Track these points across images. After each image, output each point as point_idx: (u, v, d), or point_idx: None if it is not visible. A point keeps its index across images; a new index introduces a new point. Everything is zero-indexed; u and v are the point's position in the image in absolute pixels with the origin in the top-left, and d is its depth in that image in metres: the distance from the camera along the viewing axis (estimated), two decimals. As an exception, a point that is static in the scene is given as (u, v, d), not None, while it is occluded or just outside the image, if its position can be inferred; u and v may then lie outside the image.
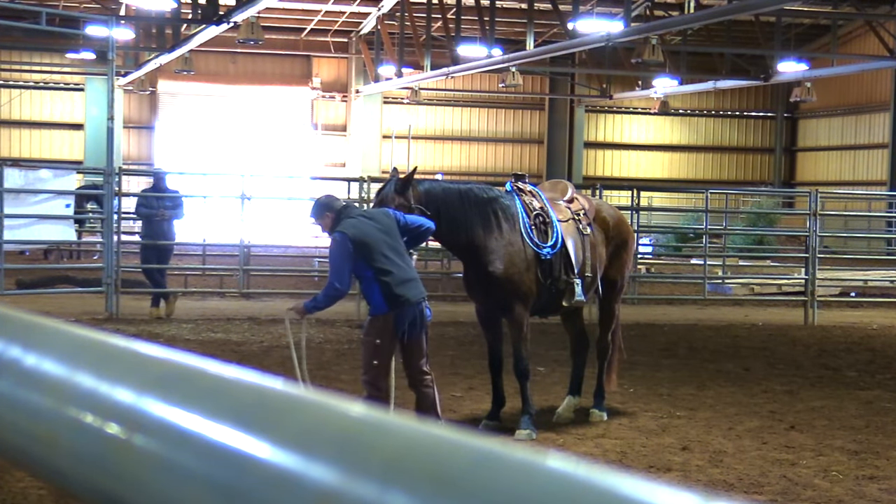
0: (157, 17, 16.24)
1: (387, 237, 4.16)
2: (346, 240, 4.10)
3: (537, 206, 4.90)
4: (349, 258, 4.11)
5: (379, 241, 4.13)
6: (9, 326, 0.80)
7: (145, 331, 7.80)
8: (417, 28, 18.10)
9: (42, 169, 9.89)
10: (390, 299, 4.11)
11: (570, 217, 5.01)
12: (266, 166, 20.83)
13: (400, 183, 4.55)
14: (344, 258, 4.11)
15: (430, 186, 4.69)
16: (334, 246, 4.14)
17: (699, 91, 22.15)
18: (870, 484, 4.16)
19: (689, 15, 13.30)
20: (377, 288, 4.11)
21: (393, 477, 0.47)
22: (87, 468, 0.64)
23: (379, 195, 4.63)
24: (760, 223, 17.03)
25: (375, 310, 4.17)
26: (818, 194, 10.24)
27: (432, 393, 4.28)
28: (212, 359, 0.64)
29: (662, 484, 0.44)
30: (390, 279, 4.11)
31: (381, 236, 4.15)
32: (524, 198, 4.90)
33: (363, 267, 4.13)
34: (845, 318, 10.10)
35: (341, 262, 4.12)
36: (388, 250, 4.14)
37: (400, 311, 4.12)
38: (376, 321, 4.18)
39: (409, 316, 4.15)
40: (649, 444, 4.74)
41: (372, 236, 4.13)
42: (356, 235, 4.11)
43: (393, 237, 4.18)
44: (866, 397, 6.00)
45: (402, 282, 4.13)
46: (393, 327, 4.14)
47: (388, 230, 4.19)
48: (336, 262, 4.14)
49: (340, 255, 4.11)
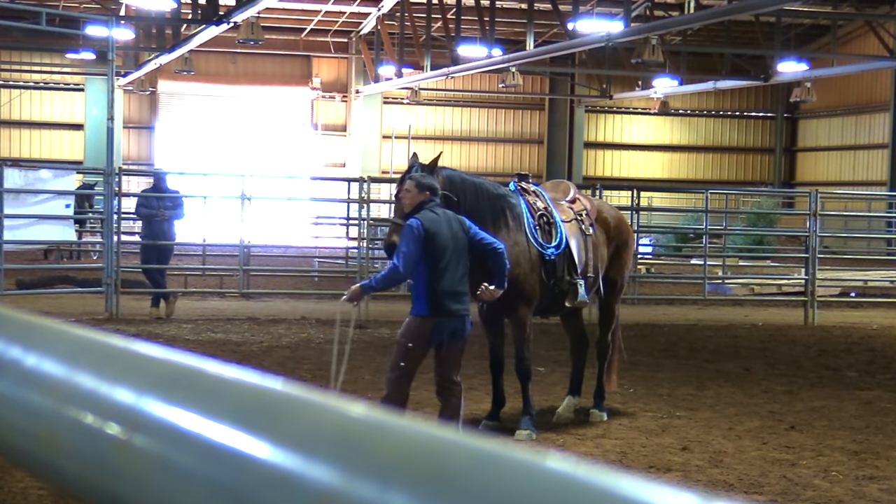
0: (157, 17, 16.24)
1: (454, 244, 4.11)
2: (422, 229, 4.06)
3: (541, 206, 4.88)
4: (419, 247, 4.05)
5: (446, 245, 4.09)
6: (9, 327, 0.80)
7: (145, 331, 7.80)
8: (417, 28, 18.10)
9: (42, 169, 9.89)
10: (434, 306, 4.07)
11: (573, 217, 5.00)
12: (266, 166, 20.84)
13: (427, 168, 4.48)
14: (415, 245, 4.04)
15: (450, 174, 4.64)
16: (409, 231, 4.08)
17: (699, 91, 22.16)
18: (870, 484, 4.16)
19: (689, 15, 13.31)
20: (425, 290, 4.08)
21: (393, 477, 0.47)
22: (87, 468, 0.64)
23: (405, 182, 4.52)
24: (760, 223, 17.03)
25: (417, 310, 4.13)
26: (818, 194, 10.24)
27: (458, 405, 4.23)
28: (212, 359, 0.64)
29: (662, 484, 0.44)
30: (440, 286, 4.06)
31: (449, 241, 4.10)
32: (528, 198, 4.89)
33: (422, 264, 4.08)
34: (845, 318, 10.09)
35: (410, 249, 4.05)
36: (450, 257, 4.10)
37: (440, 320, 4.08)
38: (414, 323, 4.14)
39: (450, 327, 4.11)
40: (649, 445, 4.74)
41: (442, 237, 4.09)
42: (430, 229, 4.06)
43: (459, 246, 4.13)
44: (866, 397, 6.00)
45: (450, 293, 4.08)
46: (429, 334, 4.10)
47: (458, 238, 4.13)
48: (405, 246, 4.06)
49: (413, 241, 4.04)
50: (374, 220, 10.12)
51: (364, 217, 9.69)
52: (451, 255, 4.09)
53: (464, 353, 4.28)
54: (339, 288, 10.93)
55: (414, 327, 4.12)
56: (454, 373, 4.20)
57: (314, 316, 9.03)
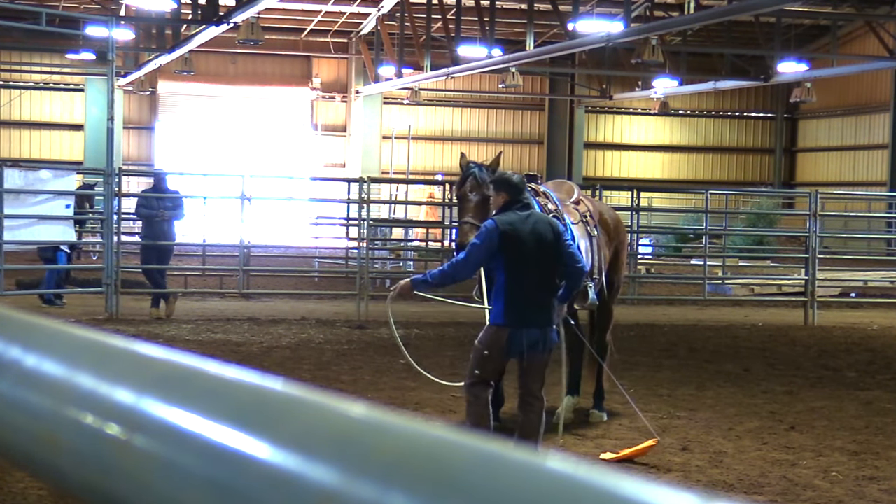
0: (157, 17, 16.24)
1: (538, 248, 3.83)
2: (496, 232, 3.80)
3: (552, 207, 4.75)
4: (488, 251, 3.79)
5: (526, 249, 3.81)
6: (9, 327, 0.80)
7: (145, 331, 7.80)
8: (417, 28, 18.10)
9: (42, 169, 9.89)
10: (511, 315, 3.81)
11: (579, 219, 4.93)
12: (266, 167, 20.84)
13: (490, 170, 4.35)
14: (483, 248, 3.79)
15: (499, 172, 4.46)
16: (482, 231, 3.86)
17: (699, 91, 22.16)
18: (870, 484, 4.16)
19: (689, 15, 13.32)
20: (504, 298, 3.82)
21: (393, 477, 0.47)
22: (87, 468, 0.64)
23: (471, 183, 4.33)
24: (760, 224, 17.04)
25: (494, 318, 3.89)
26: (818, 195, 10.25)
27: (538, 420, 3.98)
28: (212, 359, 0.64)
29: (662, 484, 0.44)
30: (518, 293, 3.80)
31: (531, 245, 3.82)
32: (539, 199, 4.73)
33: (500, 268, 3.84)
34: (845, 318, 10.09)
35: (477, 252, 3.81)
36: (533, 263, 3.82)
37: (517, 329, 3.82)
38: (490, 330, 3.90)
39: (530, 338, 3.83)
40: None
41: (522, 241, 3.81)
42: (508, 232, 3.80)
43: (544, 251, 3.85)
44: (866, 398, 5.99)
45: (529, 301, 3.82)
46: (506, 344, 3.84)
47: (543, 242, 3.86)
48: (474, 248, 3.82)
49: (482, 243, 3.80)
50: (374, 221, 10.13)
51: (364, 217, 9.69)
52: (532, 259, 3.81)
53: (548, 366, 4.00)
54: (338, 288, 10.95)
55: (489, 335, 3.88)
56: (536, 387, 3.94)
57: (314, 316, 9.03)
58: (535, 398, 3.97)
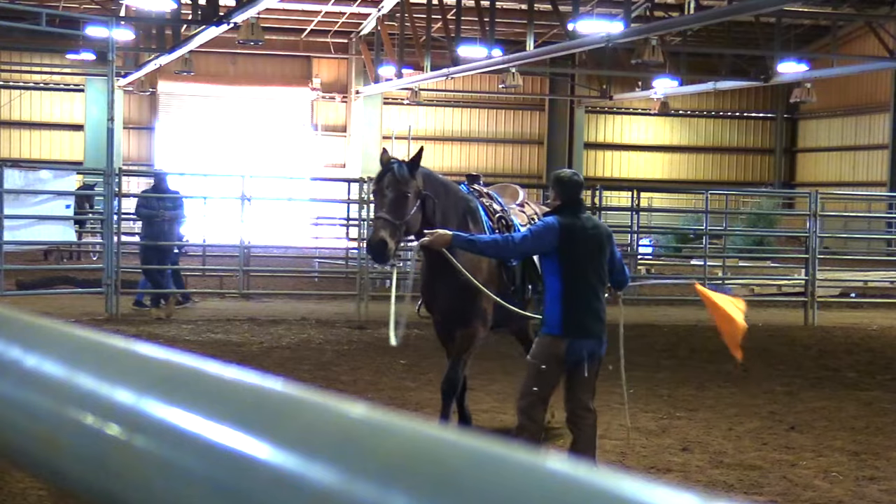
0: (157, 17, 16.24)
1: (595, 255, 3.66)
2: (556, 230, 3.60)
3: (497, 209, 4.48)
4: (540, 243, 3.61)
5: (586, 255, 3.64)
6: (9, 327, 0.80)
7: (145, 331, 7.79)
8: (417, 29, 18.11)
9: (42, 170, 9.90)
10: (569, 324, 3.61)
11: (526, 222, 4.50)
12: (266, 167, 20.84)
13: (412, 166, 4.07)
14: (537, 239, 3.61)
15: (426, 171, 4.21)
16: (542, 224, 3.67)
17: (699, 92, 22.16)
18: (870, 485, 4.16)
19: (689, 16, 13.32)
20: (560, 306, 3.62)
21: (393, 478, 0.47)
22: (88, 469, 0.64)
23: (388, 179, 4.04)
24: (760, 224, 17.03)
25: (548, 328, 3.67)
26: (818, 195, 10.25)
27: (593, 433, 3.79)
28: (212, 360, 0.64)
29: (662, 484, 0.44)
30: (579, 303, 3.61)
31: (591, 251, 3.65)
32: (482, 200, 4.48)
33: (555, 276, 3.63)
34: (845, 318, 10.09)
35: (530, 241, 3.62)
36: (590, 270, 3.65)
37: (575, 339, 3.63)
38: (545, 341, 3.68)
39: (588, 348, 3.65)
40: (649, 445, 4.74)
41: (583, 246, 3.63)
42: (568, 233, 3.61)
43: (601, 258, 3.68)
44: (866, 398, 5.99)
45: (588, 310, 3.63)
46: (563, 354, 3.64)
47: (601, 249, 3.68)
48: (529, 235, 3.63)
49: (537, 235, 3.62)
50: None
51: (364, 217, 9.69)
52: (589, 265, 3.64)
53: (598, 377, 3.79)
54: (338, 289, 10.94)
55: (545, 347, 3.66)
56: (588, 399, 3.74)
57: (314, 317, 9.03)
58: (588, 411, 3.76)
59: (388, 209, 4.01)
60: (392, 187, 4.04)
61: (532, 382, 3.69)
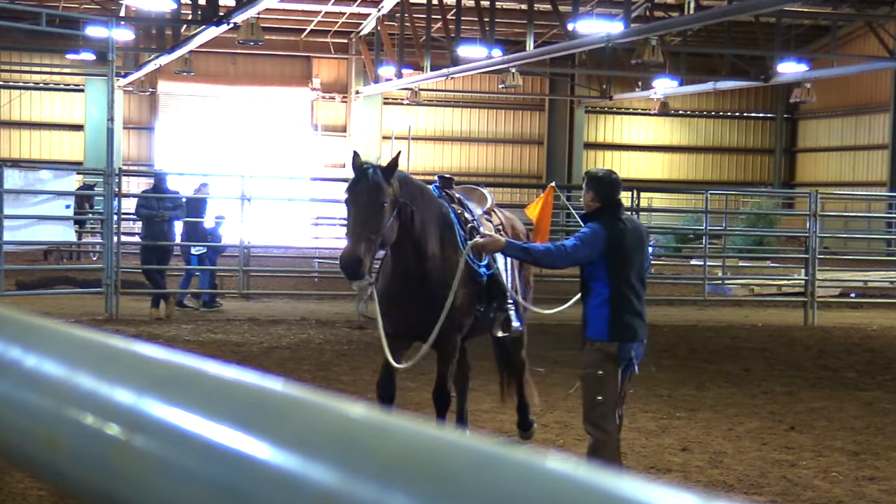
0: (157, 17, 16.26)
1: (637, 259, 3.61)
2: (605, 237, 3.50)
3: (468, 217, 4.18)
4: (591, 252, 3.50)
5: (631, 259, 3.59)
6: (9, 327, 0.80)
7: (145, 332, 7.81)
8: (417, 29, 18.12)
9: (42, 170, 9.90)
10: (617, 328, 3.52)
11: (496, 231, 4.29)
12: (266, 167, 20.86)
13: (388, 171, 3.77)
14: (587, 248, 3.49)
15: (402, 176, 3.92)
16: (590, 231, 3.53)
17: (699, 92, 22.18)
18: (870, 485, 4.16)
19: (689, 16, 13.33)
20: (608, 310, 3.52)
21: (393, 478, 0.47)
22: (87, 469, 0.64)
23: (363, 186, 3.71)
24: (760, 224, 17.05)
25: (595, 334, 3.54)
26: (818, 195, 10.25)
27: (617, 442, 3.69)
28: (212, 360, 0.64)
29: (662, 484, 0.44)
30: (627, 307, 3.54)
31: (634, 254, 3.60)
32: (455, 207, 4.17)
33: (603, 281, 3.53)
34: (845, 318, 10.10)
35: (581, 250, 3.49)
36: (634, 273, 3.59)
37: (624, 345, 3.53)
38: (594, 348, 3.56)
39: (636, 353, 3.57)
40: (649, 445, 4.74)
41: (628, 250, 3.57)
42: (615, 239, 3.52)
43: (642, 260, 3.63)
44: (866, 398, 6.00)
45: (635, 313, 3.57)
46: (616, 357, 3.53)
47: (643, 249, 3.63)
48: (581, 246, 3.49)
49: (586, 244, 3.50)
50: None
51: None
52: (634, 269, 3.59)
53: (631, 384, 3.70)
54: (338, 289, 10.94)
55: (596, 354, 3.55)
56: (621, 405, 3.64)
57: (314, 317, 9.04)
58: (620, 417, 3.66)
59: (364, 222, 3.70)
60: (367, 196, 3.72)
61: (594, 392, 3.54)
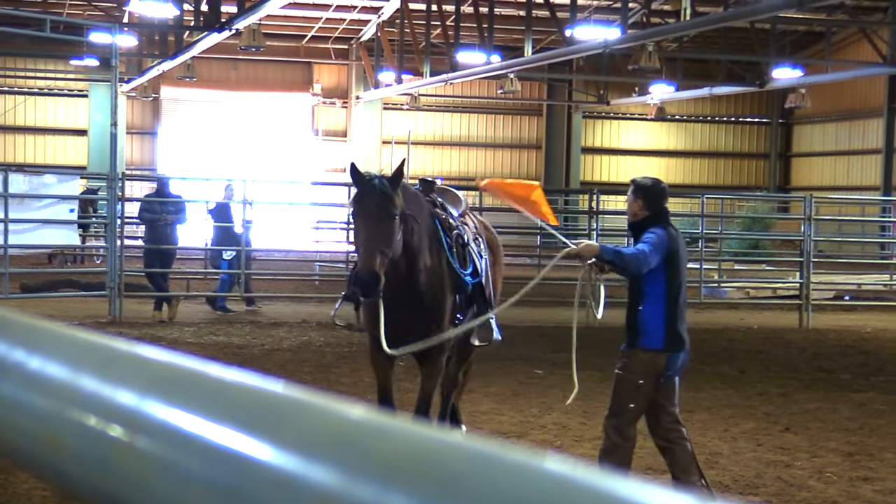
0: (159, 24, 16.28)
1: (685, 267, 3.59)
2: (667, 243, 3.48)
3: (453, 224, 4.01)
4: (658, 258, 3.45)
5: (683, 266, 3.57)
6: (13, 330, 0.81)
7: (148, 334, 7.81)
8: (417, 35, 18.13)
9: (46, 174, 9.93)
10: (671, 336, 3.48)
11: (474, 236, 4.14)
12: (267, 171, 20.86)
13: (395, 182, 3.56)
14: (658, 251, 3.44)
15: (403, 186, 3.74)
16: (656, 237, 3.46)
17: (695, 97, 22.18)
18: (864, 485, 4.17)
19: (686, 22, 13.35)
20: (664, 316, 3.46)
21: (393, 479, 0.47)
22: (90, 470, 0.64)
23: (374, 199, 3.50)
24: (756, 228, 17.05)
25: (649, 342, 3.47)
26: (812, 199, 10.30)
27: (689, 447, 3.58)
28: (214, 362, 0.66)
29: (660, 485, 0.44)
30: (677, 315, 3.50)
31: (684, 263, 3.58)
32: (438, 212, 3.97)
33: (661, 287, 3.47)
34: (839, 321, 10.10)
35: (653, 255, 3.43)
36: (684, 281, 3.56)
37: (674, 354, 3.48)
38: (645, 356, 3.48)
39: (684, 361, 3.53)
40: (646, 446, 4.72)
41: (681, 253, 3.55)
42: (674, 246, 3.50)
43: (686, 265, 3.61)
44: (860, 399, 6.00)
45: (684, 321, 3.54)
46: (662, 369, 3.48)
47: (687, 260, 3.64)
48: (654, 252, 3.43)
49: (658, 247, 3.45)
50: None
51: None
52: (684, 277, 3.58)
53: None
54: (339, 292, 10.89)
55: (645, 362, 3.47)
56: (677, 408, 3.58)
57: (315, 319, 9.03)
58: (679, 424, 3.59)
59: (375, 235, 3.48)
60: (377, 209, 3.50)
61: (629, 399, 3.49)
